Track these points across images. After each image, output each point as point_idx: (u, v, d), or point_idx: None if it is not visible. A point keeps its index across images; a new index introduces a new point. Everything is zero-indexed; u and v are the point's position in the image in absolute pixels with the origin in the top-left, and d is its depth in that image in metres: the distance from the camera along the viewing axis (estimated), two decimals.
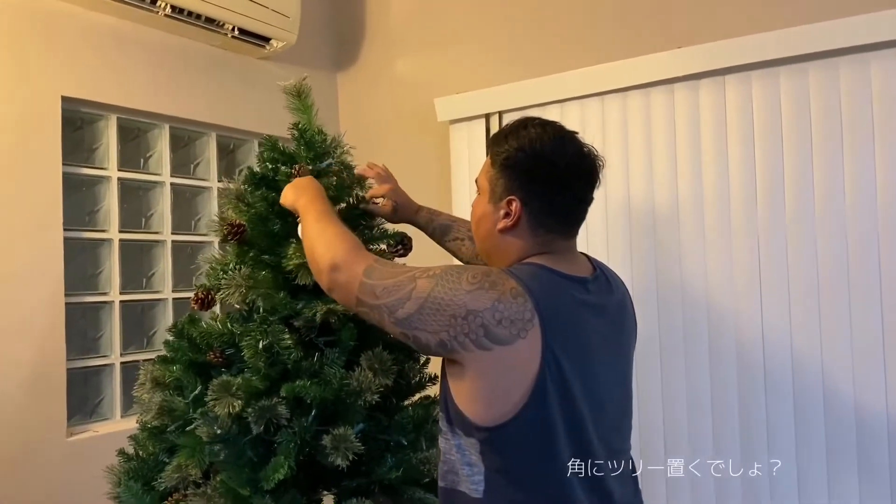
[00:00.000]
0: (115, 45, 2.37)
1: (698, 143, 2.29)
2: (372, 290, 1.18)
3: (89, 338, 2.41)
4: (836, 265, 2.09)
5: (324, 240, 1.30)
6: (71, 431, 2.22)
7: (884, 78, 2.03)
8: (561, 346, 1.12)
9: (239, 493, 1.42)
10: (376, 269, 1.21)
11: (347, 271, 1.23)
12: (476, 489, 1.16)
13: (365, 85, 3.15)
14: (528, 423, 1.11)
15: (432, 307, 1.12)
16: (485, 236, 1.30)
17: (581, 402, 1.15)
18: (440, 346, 1.13)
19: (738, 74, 2.22)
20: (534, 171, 1.22)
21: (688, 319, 2.30)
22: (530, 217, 1.23)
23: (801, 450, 2.13)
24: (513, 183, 1.23)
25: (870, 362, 2.04)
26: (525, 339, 1.09)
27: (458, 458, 1.18)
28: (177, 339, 1.58)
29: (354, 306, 1.23)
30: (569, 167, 1.22)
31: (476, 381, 1.13)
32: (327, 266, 1.25)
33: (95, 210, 2.43)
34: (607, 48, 2.47)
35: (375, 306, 1.18)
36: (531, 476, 1.14)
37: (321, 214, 1.36)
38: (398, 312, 1.15)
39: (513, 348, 1.09)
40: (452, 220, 1.76)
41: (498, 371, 1.11)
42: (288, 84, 1.63)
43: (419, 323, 1.13)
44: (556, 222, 1.24)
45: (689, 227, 2.30)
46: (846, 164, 2.08)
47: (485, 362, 1.11)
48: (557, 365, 1.11)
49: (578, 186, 1.25)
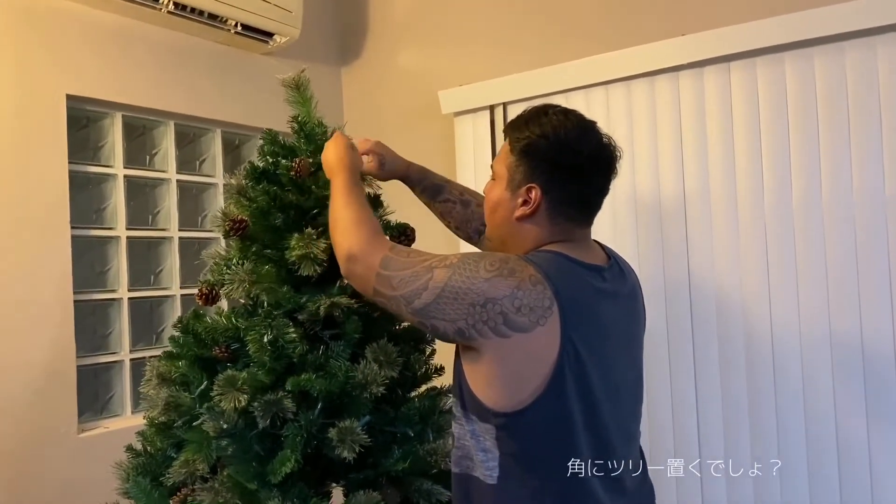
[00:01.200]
0: (119, 43, 2.38)
1: (704, 131, 2.28)
2: (389, 281, 1.19)
3: (99, 335, 2.43)
4: (844, 253, 2.07)
5: (343, 224, 1.30)
6: (82, 428, 2.24)
7: (891, 62, 2.00)
8: (579, 334, 1.12)
9: (246, 487, 1.43)
10: (393, 260, 1.20)
11: (364, 262, 1.23)
12: (491, 475, 1.16)
13: (369, 79, 3.14)
14: (546, 410, 1.11)
15: (450, 296, 1.12)
16: (500, 223, 1.28)
17: (598, 388, 1.15)
18: (458, 334, 1.13)
19: (743, 61, 2.20)
20: (556, 159, 1.20)
21: (696, 311, 2.29)
22: (550, 205, 1.22)
23: (811, 445, 2.12)
24: (534, 171, 1.21)
25: (880, 351, 2.02)
26: (544, 326, 1.09)
27: (473, 443, 1.18)
28: (182, 335, 1.58)
29: (372, 296, 1.24)
30: (591, 157, 1.21)
31: (494, 368, 1.13)
32: (344, 256, 1.27)
33: (102, 208, 2.44)
34: (611, 37, 2.45)
35: (392, 297, 1.18)
36: (547, 462, 1.14)
37: (344, 189, 1.36)
38: (415, 303, 1.15)
39: (532, 336, 1.09)
40: (445, 181, 1.71)
41: (516, 358, 1.11)
42: (286, 77, 1.62)
43: (437, 312, 1.13)
44: (576, 211, 1.24)
45: (696, 216, 2.29)
46: (853, 150, 2.06)
47: (503, 349, 1.11)
48: (575, 352, 1.11)
49: (598, 176, 1.24)
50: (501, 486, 1.15)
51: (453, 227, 1.69)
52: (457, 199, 1.68)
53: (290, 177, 1.57)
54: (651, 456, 2.34)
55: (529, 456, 1.14)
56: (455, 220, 1.67)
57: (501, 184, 1.27)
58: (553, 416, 1.12)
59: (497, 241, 1.32)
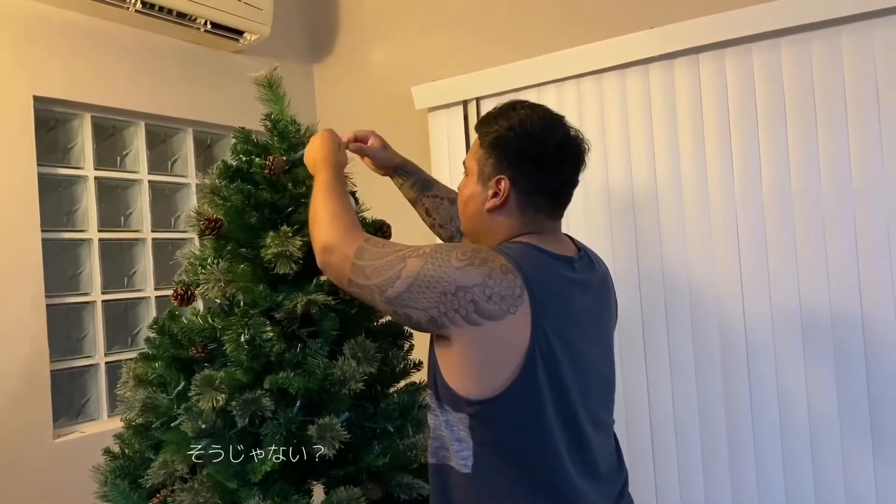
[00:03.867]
0: (86, 43, 2.35)
1: (675, 122, 2.30)
2: (363, 271, 1.21)
3: (73, 339, 2.40)
4: (813, 241, 2.10)
5: (321, 217, 1.32)
6: (57, 433, 2.21)
7: (855, 50, 2.04)
8: (549, 322, 1.14)
9: (226, 487, 1.42)
10: (367, 251, 1.22)
11: (339, 252, 1.25)
12: (465, 464, 1.18)
13: (342, 75, 3.14)
14: (518, 398, 1.13)
15: (422, 284, 1.14)
16: (472, 216, 1.31)
17: (568, 375, 1.17)
18: (430, 323, 1.15)
19: (712, 52, 2.23)
20: (523, 150, 1.23)
21: (669, 301, 2.32)
22: (519, 196, 1.24)
23: (785, 436, 2.16)
24: (502, 162, 1.24)
25: (851, 337, 2.07)
26: (515, 314, 1.11)
27: (448, 433, 1.20)
28: (158, 336, 1.58)
29: (346, 286, 1.26)
30: (557, 147, 1.24)
31: (466, 356, 1.15)
32: (320, 248, 1.29)
33: (73, 210, 2.41)
34: (582, 31, 2.47)
35: (366, 286, 1.20)
36: (520, 450, 1.16)
37: (326, 185, 1.38)
38: (388, 292, 1.17)
39: (503, 323, 1.11)
40: (433, 179, 1.75)
41: (488, 346, 1.13)
42: (259, 75, 1.62)
43: (409, 301, 1.15)
44: (544, 202, 1.26)
45: (668, 207, 2.31)
46: (821, 140, 2.09)
47: (475, 337, 1.12)
48: (546, 340, 1.13)
49: (566, 167, 1.26)
50: (476, 475, 1.17)
51: (437, 224, 1.70)
52: (444, 195, 1.71)
53: (263, 175, 1.56)
54: (629, 448, 2.38)
55: (502, 444, 1.16)
56: (441, 216, 1.69)
57: (472, 178, 1.30)
58: (525, 403, 1.14)
59: (471, 234, 1.34)
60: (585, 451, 1.21)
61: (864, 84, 2.03)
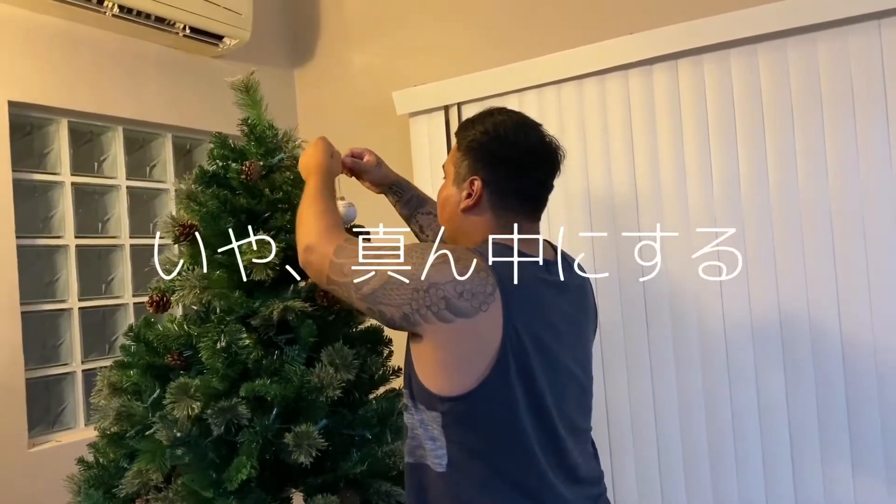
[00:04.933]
0: (63, 48, 2.32)
1: (654, 127, 2.31)
2: (340, 268, 1.23)
3: (49, 346, 2.37)
4: (792, 243, 2.12)
5: (304, 218, 1.34)
6: (32, 443, 2.18)
7: (832, 55, 2.06)
8: (522, 321, 1.15)
9: (202, 496, 1.41)
10: (345, 249, 1.25)
11: (319, 251, 1.27)
12: (440, 463, 1.19)
13: (322, 80, 3.12)
14: (489, 396, 1.14)
15: (396, 282, 1.15)
16: (449, 217, 1.34)
17: (541, 376, 1.17)
18: (404, 320, 1.16)
19: (691, 58, 2.24)
20: (496, 152, 1.27)
21: (650, 306, 2.32)
22: (492, 197, 1.27)
23: (765, 437, 2.17)
24: (476, 164, 1.28)
25: (828, 339, 2.08)
26: (486, 312, 1.12)
27: (422, 432, 1.21)
28: (133, 343, 1.56)
29: (325, 284, 1.28)
30: (529, 150, 1.27)
31: (439, 354, 1.16)
32: (302, 247, 1.31)
33: (49, 216, 2.38)
34: (562, 36, 2.47)
35: (343, 284, 1.22)
36: (492, 449, 1.17)
37: (313, 191, 1.40)
38: (364, 289, 1.19)
39: (474, 321, 1.13)
40: (426, 196, 1.77)
41: (459, 343, 1.14)
42: (235, 79, 1.61)
43: (384, 298, 1.17)
44: (517, 203, 1.28)
45: (648, 211, 2.32)
46: (797, 143, 2.11)
47: (447, 335, 1.14)
48: (518, 338, 1.14)
49: (538, 172, 1.29)
50: (450, 474, 1.18)
51: (431, 240, 1.69)
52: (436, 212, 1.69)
53: (240, 180, 1.55)
54: (611, 451, 2.38)
55: (475, 443, 1.17)
56: (434, 232, 1.69)
57: (449, 180, 1.34)
58: (496, 401, 1.15)
59: (449, 236, 1.36)
60: (561, 452, 1.21)
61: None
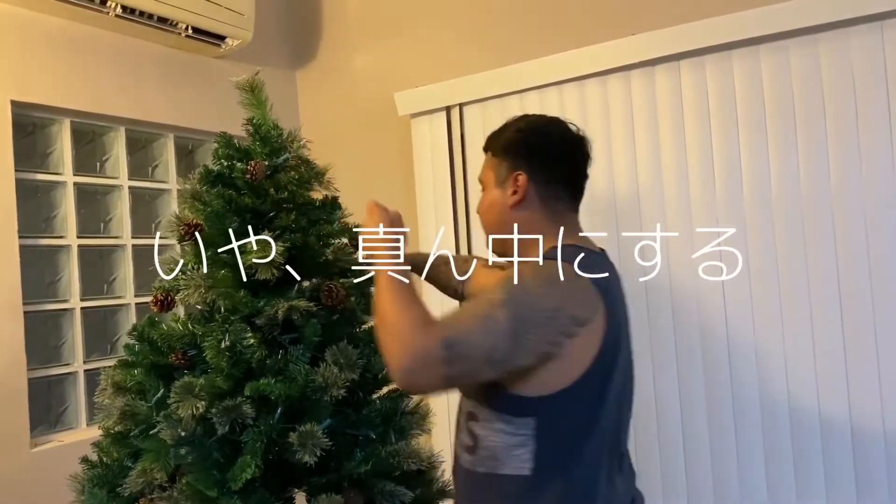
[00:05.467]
0: (66, 48, 2.32)
1: (656, 128, 2.32)
2: (457, 360, 1.06)
3: (51, 346, 2.37)
4: (794, 244, 2.12)
5: (389, 327, 1.10)
6: (35, 442, 2.18)
7: (832, 58, 2.06)
8: (613, 315, 1.19)
9: (206, 495, 1.40)
10: (450, 338, 1.05)
11: (424, 368, 1.06)
12: (524, 467, 1.17)
13: (324, 81, 3.13)
14: (585, 390, 1.16)
15: (522, 329, 1.08)
16: (497, 220, 1.33)
17: (617, 371, 1.21)
18: (543, 359, 1.12)
19: (693, 59, 2.25)
20: (533, 145, 1.30)
21: (651, 307, 2.33)
22: (538, 188, 1.29)
23: (766, 437, 2.17)
24: (516, 161, 1.30)
25: (831, 338, 2.08)
26: (599, 313, 1.16)
27: (502, 440, 1.19)
28: (137, 343, 1.55)
29: (448, 387, 1.15)
30: (564, 139, 1.32)
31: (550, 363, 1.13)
32: (398, 370, 1.07)
33: (52, 216, 2.38)
34: (564, 37, 2.48)
35: (470, 370, 1.09)
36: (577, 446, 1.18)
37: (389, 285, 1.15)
38: (496, 355, 1.08)
39: (591, 326, 1.15)
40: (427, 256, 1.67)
41: (574, 350, 1.14)
42: (240, 79, 1.61)
43: (521, 351, 1.09)
44: (562, 191, 1.31)
45: (649, 214, 2.32)
46: (800, 144, 2.11)
47: (569, 347, 1.14)
48: (612, 333, 1.18)
49: (573, 156, 1.33)
50: (535, 477, 1.17)
51: (441, 287, 1.67)
52: (438, 263, 1.65)
53: (245, 180, 1.55)
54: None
55: (562, 442, 1.17)
56: (440, 281, 1.65)
57: (490, 185, 1.34)
58: (590, 395, 1.17)
59: (499, 243, 1.34)
60: (621, 443, 1.27)
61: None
